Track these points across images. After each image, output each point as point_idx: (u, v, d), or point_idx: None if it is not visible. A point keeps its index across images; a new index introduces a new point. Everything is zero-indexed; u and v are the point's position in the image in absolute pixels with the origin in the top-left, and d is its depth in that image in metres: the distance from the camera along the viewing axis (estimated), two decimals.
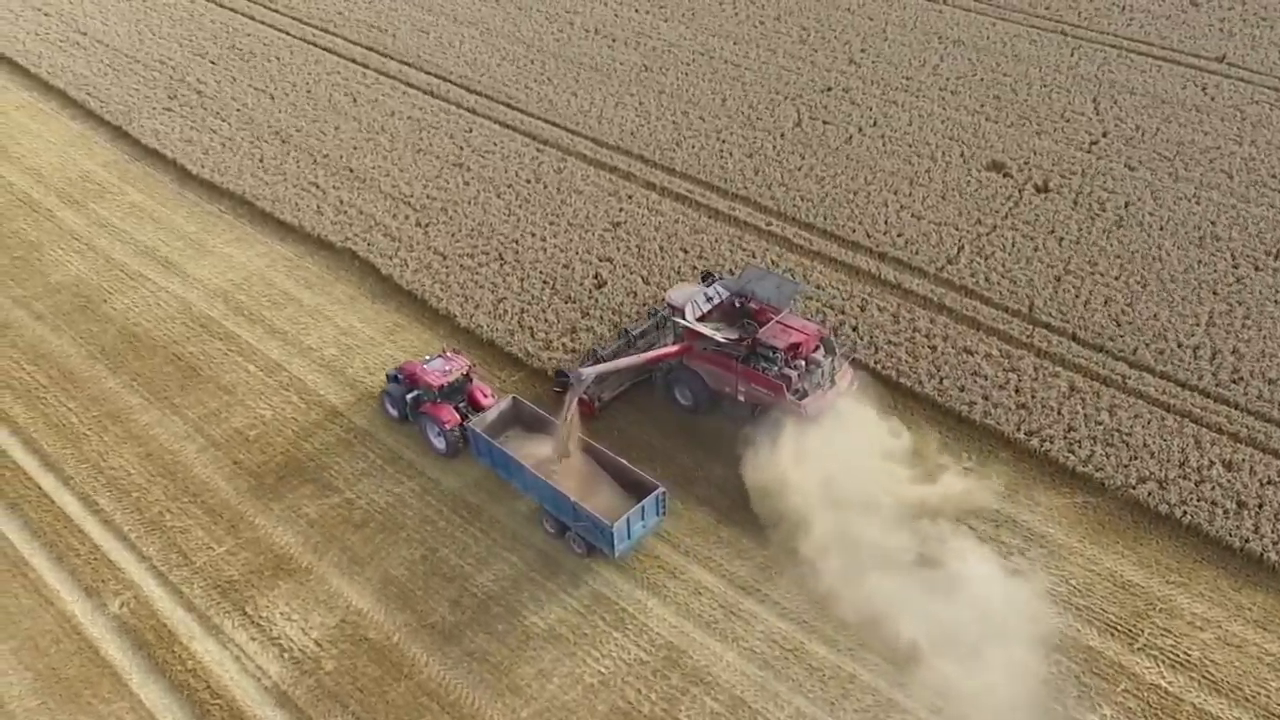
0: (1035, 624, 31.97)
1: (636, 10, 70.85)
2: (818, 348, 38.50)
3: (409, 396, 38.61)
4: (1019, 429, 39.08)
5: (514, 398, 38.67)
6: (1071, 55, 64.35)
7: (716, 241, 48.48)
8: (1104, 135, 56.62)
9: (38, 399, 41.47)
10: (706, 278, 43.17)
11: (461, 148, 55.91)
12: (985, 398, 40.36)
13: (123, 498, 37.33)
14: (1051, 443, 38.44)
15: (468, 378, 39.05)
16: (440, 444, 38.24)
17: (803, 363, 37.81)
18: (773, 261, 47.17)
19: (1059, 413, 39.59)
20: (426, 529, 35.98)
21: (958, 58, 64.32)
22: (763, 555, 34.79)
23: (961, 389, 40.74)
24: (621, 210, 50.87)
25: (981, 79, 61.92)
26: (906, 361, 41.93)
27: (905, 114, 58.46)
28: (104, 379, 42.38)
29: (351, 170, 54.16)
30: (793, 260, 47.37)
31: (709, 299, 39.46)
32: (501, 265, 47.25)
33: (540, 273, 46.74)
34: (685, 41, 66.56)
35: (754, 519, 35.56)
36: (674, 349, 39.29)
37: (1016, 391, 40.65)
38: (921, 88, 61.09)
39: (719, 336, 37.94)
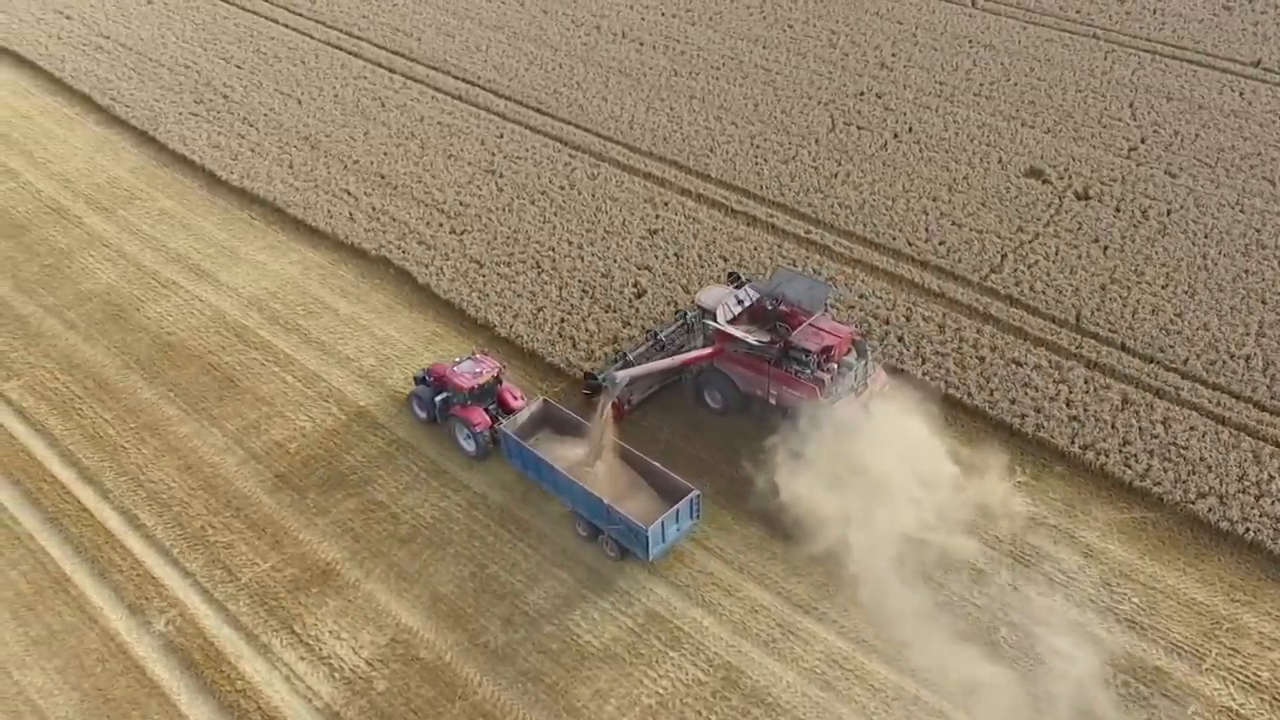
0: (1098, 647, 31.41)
1: (662, 14, 70.21)
2: (849, 350, 38.20)
3: (438, 399, 38.25)
4: (1073, 442, 38.41)
5: (544, 400, 38.37)
6: (1105, 59, 63.70)
7: (756, 249, 47.83)
8: (1142, 141, 55.97)
9: (74, 410, 40.87)
10: (733, 279, 42.72)
11: (493, 153, 55.27)
12: (1037, 410, 39.70)
13: (164, 512, 36.69)
14: (1107, 456, 37.77)
15: (498, 379, 38.66)
16: (470, 446, 37.85)
17: (835, 365, 37.45)
18: (814, 270, 46.51)
19: (1113, 426, 38.92)
20: (474, 544, 35.33)
21: (990, 62, 63.66)
22: (819, 572, 34.08)
23: (1012, 401, 40.08)
24: (658, 217, 50.23)
25: (1015, 84, 61.26)
26: (955, 373, 41.28)
27: (940, 119, 57.80)
28: (140, 389, 41.76)
29: (383, 176, 53.52)
30: (834, 268, 46.72)
31: (739, 301, 39.03)
32: (539, 273, 46.61)
33: (579, 281, 46.10)
34: (713, 45, 65.92)
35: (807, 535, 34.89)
36: (706, 352, 38.86)
37: (1068, 404, 39.98)
38: (955, 93, 60.44)
39: (751, 339, 37.52)
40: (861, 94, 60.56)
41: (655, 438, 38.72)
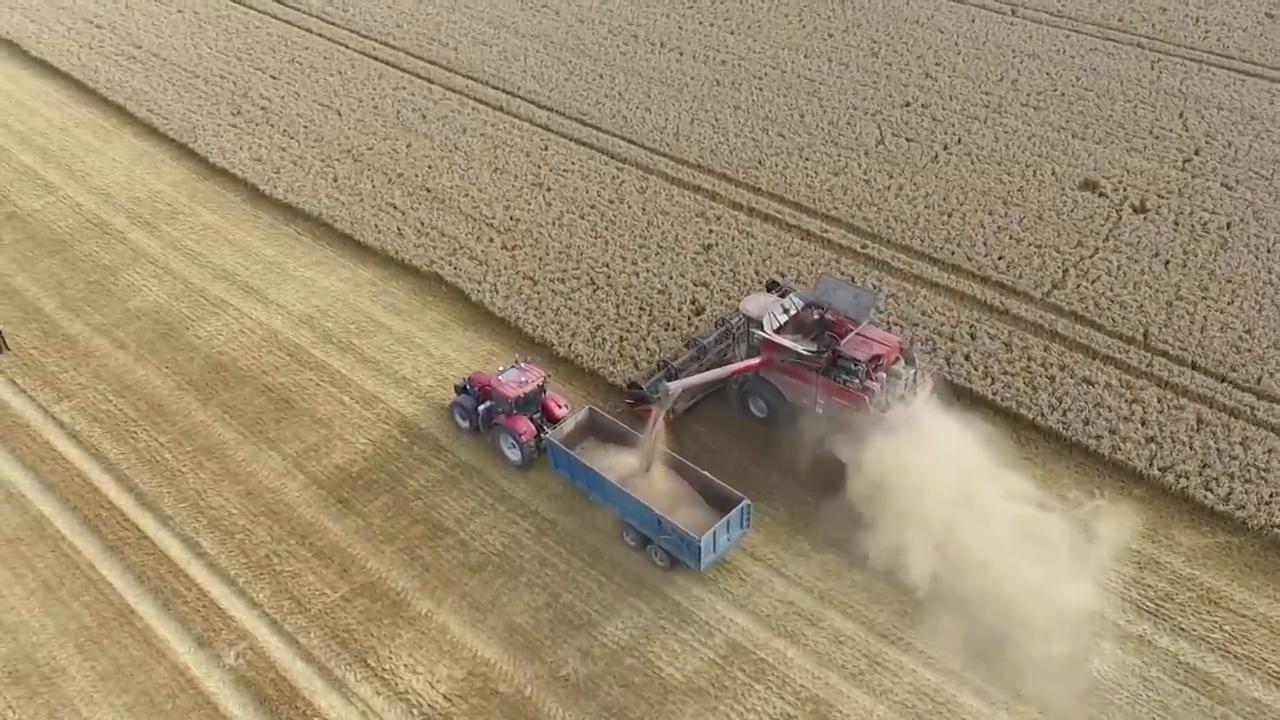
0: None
1: (700, 23, 69.46)
2: (897, 359, 37.61)
3: (481, 408, 37.85)
4: (1151, 464, 37.63)
5: (590, 408, 38.02)
6: (1152, 69, 62.93)
7: (813, 265, 47.06)
8: (1196, 153, 55.19)
9: (128, 433, 40.09)
10: (772, 286, 42.29)
11: (539, 166, 54.50)
12: (1112, 431, 38.92)
13: (226, 539, 35.90)
14: (1187, 479, 36.99)
15: (542, 388, 38.17)
16: (515, 456, 37.54)
17: (884, 374, 36.87)
18: (874, 287, 45.73)
19: (1190, 447, 38.16)
20: (547, 573, 34.54)
21: (1035, 72, 62.90)
22: (902, 600, 33.28)
23: (1086, 422, 39.29)
24: (711, 232, 49.46)
25: (1063, 94, 60.48)
26: (1025, 392, 40.49)
27: (989, 131, 57.03)
28: (194, 411, 40.98)
29: (429, 190, 52.76)
30: (894, 285, 45.95)
31: (785, 310, 38.51)
32: (594, 290, 45.83)
33: (635, 298, 45.34)
34: (754, 55, 65.15)
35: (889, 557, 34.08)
36: (755, 361, 38.37)
37: (1143, 424, 39.21)
38: (1002, 103, 59.67)
39: (800, 348, 37.00)
40: (907, 104, 59.79)
41: (722, 460, 37.95)
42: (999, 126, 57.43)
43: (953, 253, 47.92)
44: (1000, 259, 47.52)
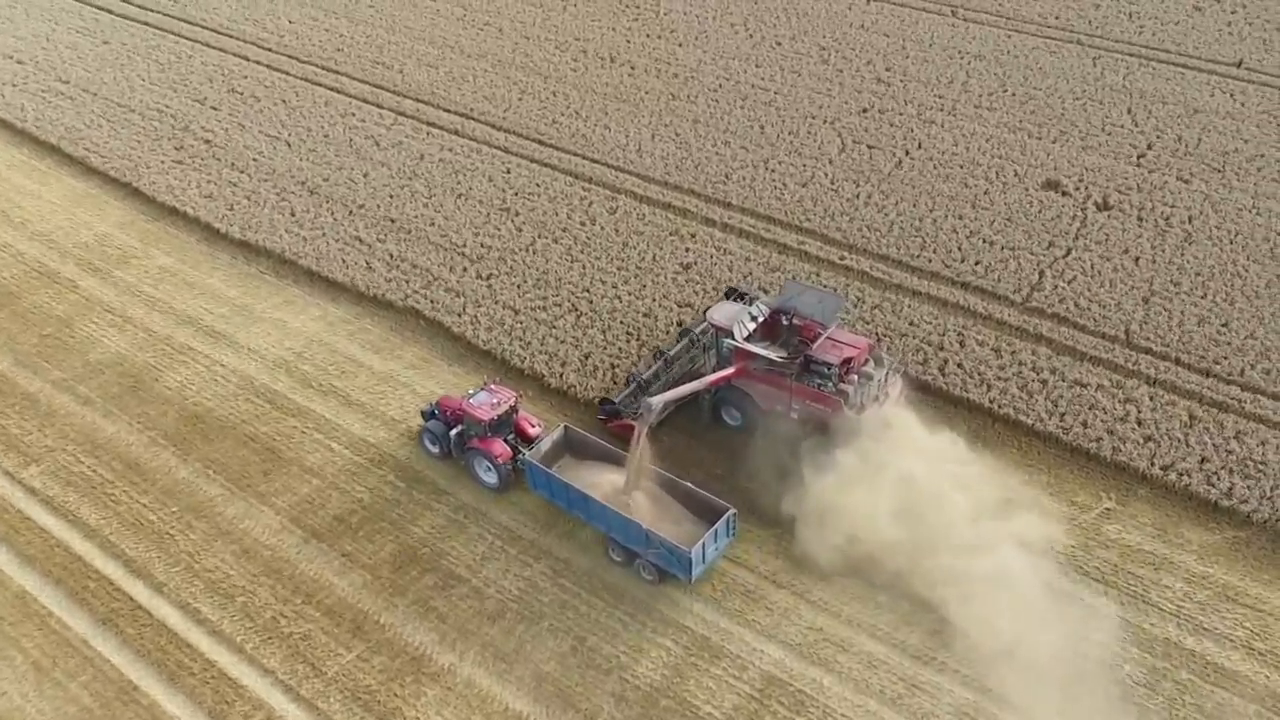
0: None
1: (647, 36, 68.92)
2: (867, 361, 38.06)
3: (453, 433, 37.27)
4: (1153, 463, 38.07)
5: (565, 426, 37.74)
6: (1094, 65, 64.12)
7: (794, 279, 46.68)
8: (1149, 148, 56.31)
9: (106, 496, 38.08)
10: (731, 294, 42.54)
11: (503, 190, 53.40)
12: (1110, 432, 39.32)
13: (227, 603, 34.24)
14: (1189, 476, 37.50)
15: (514, 409, 37.73)
16: (491, 478, 37.16)
17: (856, 377, 37.26)
18: (858, 299, 45.65)
19: (1187, 444, 38.71)
20: (568, 616, 33.61)
21: (984, 73, 63.64)
22: (930, 619, 33.08)
23: (1085, 425, 39.63)
24: (688, 250, 48.93)
25: (1013, 94, 61.27)
26: (1021, 398, 40.69)
27: (948, 134, 57.48)
28: (174, 468, 39.11)
29: (393, 220, 51.29)
30: (878, 296, 45.94)
31: (753, 318, 38.58)
32: (578, 317, 44.94)
33: (621, 323, 44.58)
34: (705, 67, 64.82)
35: (908, 580, 33.86)
36: (731, 371, 38.29)
37: (1139, 424, 39.69)
38: (956, 106, 60.22)
39: (772, 355, 37.22)
40: (864, 111, 59.99)
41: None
42: (956, 130, 57.91)
43: (929, 260, 48.07)
44: (977, 264, 47.81)
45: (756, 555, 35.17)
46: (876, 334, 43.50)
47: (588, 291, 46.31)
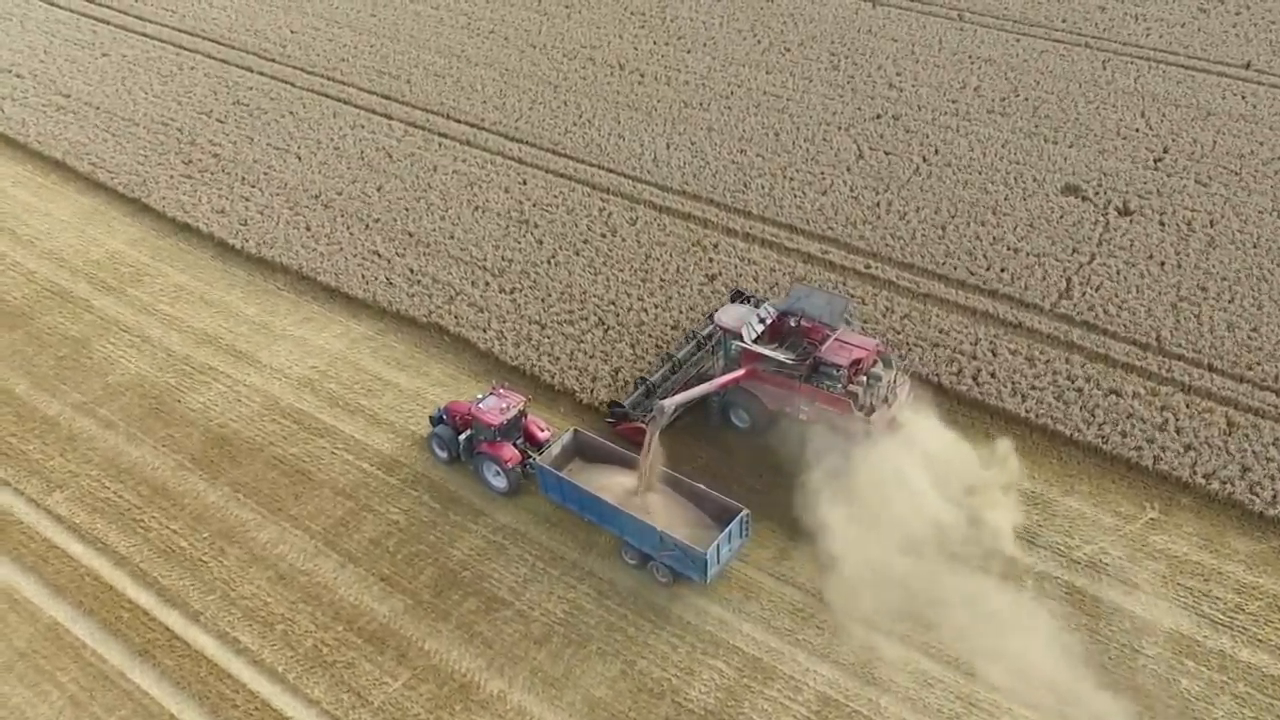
0: None
1: (655, 43, 68.41)
2: (875, 362, 38.12)
3: (462, 437, 37.18)
4: (1194, 472, 37.83)
5: (575, 430, 37.75)
6: (1104, 69, 64.04)
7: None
8: (1165, 151, 56.23)
9: (135, 522, 37.25)
10: (737, 297, 42.60)
11: (520, 202, 52.76)
12: (1149, 441, 39.06)
13: (266, 631, 33.50)
14: (1232, 485, 37.26)
15: (523, 413, 37.65)
16: (501, 483, 37.22)
17: (864, 378, 37.31)
18: (886, 308, 45.30)
19: (1227, 451, 38.49)
20: (616, 638, 33.05)
21: (994, 77, 63.47)
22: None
23: (1124, 434, 39.35)
24: (712, 261, 48.44)
25: (1025, 98, 61.11)
26: (1058, 408, 40.39)
27: (963, 139, 57.24)
28: (203, 492, 38.31)
29: (411, 234, 50.58)
30: (906, 305, 45.61)
31: (761, 320, 38.58)
32: (605, 331, 44.39)
33: (649, 337, 44.05)
34: (715, 74, 64.37)
35: (951, 593, 33.50)
36: (740, 373, 38.23)
37: (1178, 432, 39.44)
38: (970, 110, 60.01)
39: (781, 356, 37.29)
40: (878, 116, 59.69)
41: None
42: (971, 135, 57.67)
43: (955, 268, 47.76)
44: (1003, 271, 47.52)
45: (804, 572, 34.66)
46: (906, 344, 43.18)
47: (613, 304, 45.76)
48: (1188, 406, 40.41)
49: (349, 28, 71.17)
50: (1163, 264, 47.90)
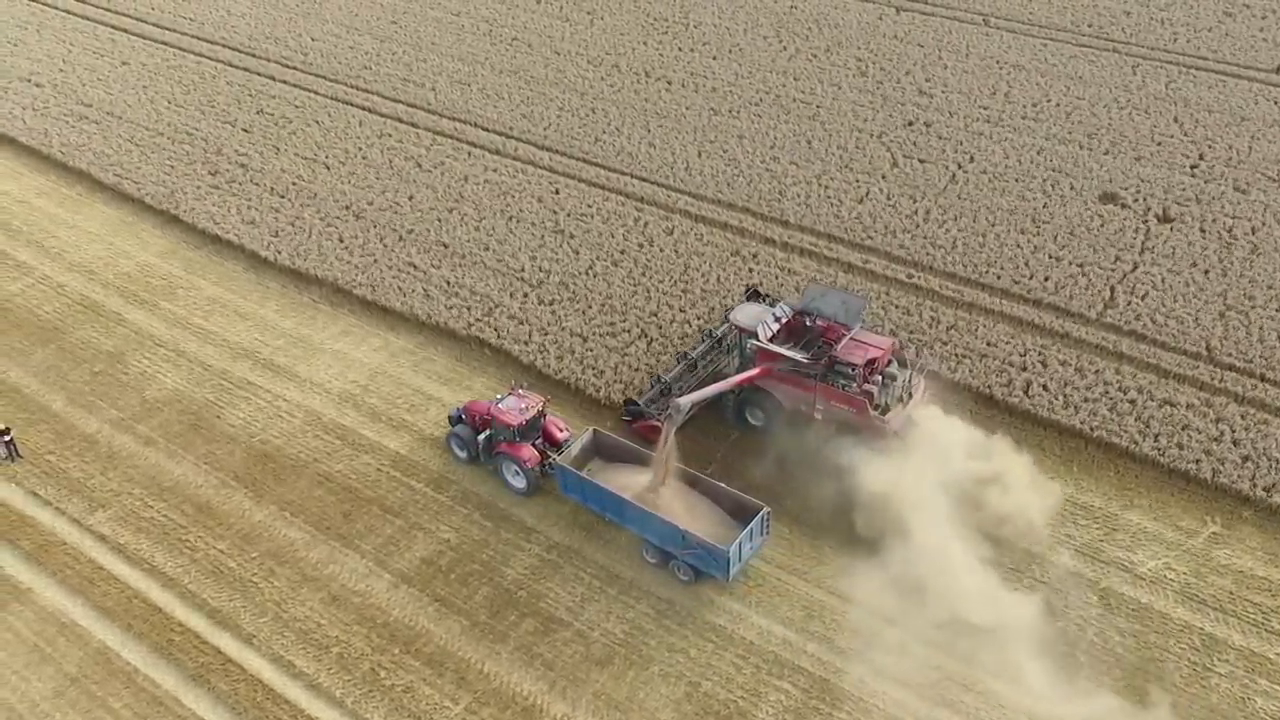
0: None
1: (680, 50, 67.88)
2: (891, 361, 38.14)
3: (481, 438, 37.02)
4: (1254, 485, 37.37)
5: (594, 430, 37.66)
6: (1134, 73, 63.65)
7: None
8: (1201, 158, 55.82)
9: (181, 541, 36.62)
10: (752, 295, 42.80)
11: (554, 211, 52.20)
12: (1207, 453, 38.60)
13: (322, 655, 32.87)
14: None
15: (542, 414, 37.57)
16: (520, 483, 37.39)
17: (880, 377, 37.34)
18: (931, 318, 44.80)
19: None
20: (678, 659, 32.49)
21: (1024, 83, 63.03)
22: (1049, 655, 32.17)
23: (1180, 446, 38.87)
24: (752, 272, 47.93)
25: (1057, 104, 60.68)
26: (1112, 419, 39.90)
27: (997, 146, 56.78)
28: (249, 510, 37.69)
29: (445, 245, 50.00)
30: (951, 315, 45.10)
31: (776, 319, 38.67)
32: (649, 344, 43.85)
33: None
34: (743, 81, 63.85)
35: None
36: (756, 372, 38.28)
37: (1235, 444, 38.99)
38: (1002, 117, 59.56)
39: (796, 356, 37.27)
40: (910, 123, 59.23)
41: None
42: (1005, 142, 57.21)
43: (998, 276, 47.30)
44: (1046, 280, 47.08)
45: (864, 588, 34.09)
46: (955, 355, 42.69)
47: (655, 316, 45.23)
48: (1243, 418, 39.95)
49: (369, 35, 70.57)
50: (1207, 272, 47.46)
